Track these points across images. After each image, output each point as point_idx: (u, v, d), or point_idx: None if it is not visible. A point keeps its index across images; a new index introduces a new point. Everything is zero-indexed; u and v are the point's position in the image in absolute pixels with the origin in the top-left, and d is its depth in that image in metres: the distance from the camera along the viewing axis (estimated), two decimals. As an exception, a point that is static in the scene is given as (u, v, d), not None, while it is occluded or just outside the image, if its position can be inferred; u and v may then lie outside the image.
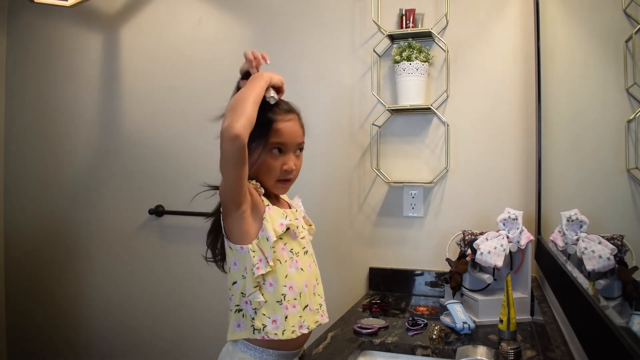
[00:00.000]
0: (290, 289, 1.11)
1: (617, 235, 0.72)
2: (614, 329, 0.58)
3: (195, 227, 2.00)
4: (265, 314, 1.08)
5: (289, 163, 1.14)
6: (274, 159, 1.13)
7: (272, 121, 1.12)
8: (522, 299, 1.46)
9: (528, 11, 1.68)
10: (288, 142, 1.14)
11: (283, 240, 1.12)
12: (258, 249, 1.08)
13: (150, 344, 2.16)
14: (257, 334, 1.08)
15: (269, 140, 1.12)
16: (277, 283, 1.09)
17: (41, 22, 2.33)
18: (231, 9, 2.06)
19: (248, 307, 1.10)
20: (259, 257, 1.08)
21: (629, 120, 0.66)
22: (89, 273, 2.25)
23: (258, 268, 1.07)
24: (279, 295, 1.09)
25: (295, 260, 1.13)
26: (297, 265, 1.13)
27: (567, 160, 1.12)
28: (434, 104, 1.75)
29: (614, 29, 0.74)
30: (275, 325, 1.08)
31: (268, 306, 1.09)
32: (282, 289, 1.09)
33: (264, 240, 1.09)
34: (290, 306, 1.10)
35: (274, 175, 1.13)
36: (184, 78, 2.10)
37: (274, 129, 1.12)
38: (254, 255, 1.08)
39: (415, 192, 1.80)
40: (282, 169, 1.13)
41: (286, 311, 1.09)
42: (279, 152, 1.13)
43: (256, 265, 1.07)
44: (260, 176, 1.15)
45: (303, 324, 1.12)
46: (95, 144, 2.25)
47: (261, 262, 1.08)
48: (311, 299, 1.15)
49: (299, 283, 1.12)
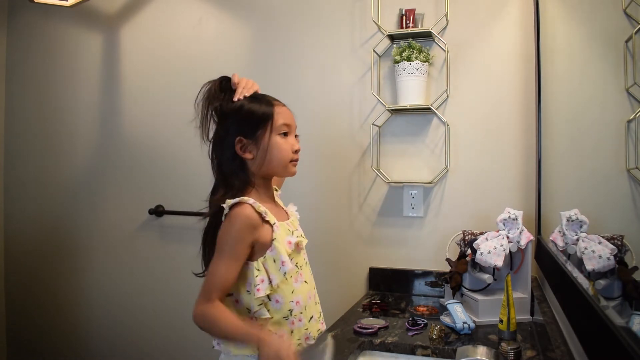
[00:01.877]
0: (297, 304, 1.09)
1: (617, 235, 0.72)
2: (614, 329, 0.58)
3: (195, 227, 1.99)
4: (272, 329, 1.07)
5: (297, 144, 1.17)
6: (284, 141, 1.14)
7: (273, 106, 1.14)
8: (522, 299, 1.46)
9: (528, 11, 1.68)
10: (292, 125, 1.16)
11: (291, 256, 1.11)
12: (263, 268, 1.06)
13: (150, 344, 2.16)
14: None
15: (276, 124, 1.12)
16: (284, 299, 1.08)
17: (41, 22, 2.33)
18: (231, 8, 2.06)
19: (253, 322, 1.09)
20: (262, 277, 1.06)
21: (629, 120, 0.66)
22: (89, 273, 2.25)
23: (258, 290, 1.05)
24: (286, 311, 1.08)
25: (300, 274, 1.13)
26: (301, 279, 1.12)
27: (567, 160, 1.12)
28: (434, 104, 1.75)
29: (614, 29, 0.73)
30: None
31: (274, 322, 1.08)
32: (289, 305, 1.08)
33: (271, 260, 1.07)
34: (297, 320, 1.09)
35: (287, 156, 1.14)
36: (184, 78, 2.10)
37: (277, 113, 1.13)
38: (257, 274, 1.06)
39: (415, 192, 1.80)
40: (292, 150, 1.15)
41: (292, 326, 1.08)
42: (284, 135, 1.14)
43: (257, 286, 1.05)
44: (272, 161, 1.13)
45: (309, 335, 1.12)
46: (95, 144, 2.25)
47: (263, 282, 1.05)
48: (313, 308, 1.15)
49: (304, 296, 1.12)
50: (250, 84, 1.17)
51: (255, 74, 2.06)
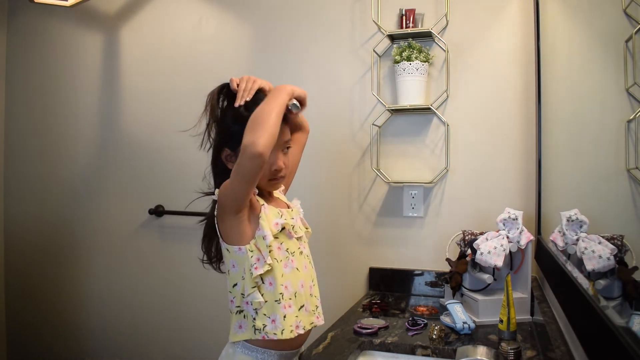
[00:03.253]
0: (286, 289, 1.10)
1: (617, 235, 0.72)
2: (614, 329, 0.58)
3: (195, 227, 1.98)
4: (266, 313, 1.08)
5: (278, 162, 1.14)
6: None
7: None
8: (522, 299, 1.46)
9: (528, 11, 1.68)
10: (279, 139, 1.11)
11: (279, 240, 1.12)
12: (256, 249, 1.09)
13: (150, 344, 2.16)
14: (258, 334, 1.08)
15: None
16: (275, 282, 1.09)
17: (41, 22, 2.33)
18: (231, 8, 2.06)
19: (249, 307, 1.10)
20: (257, 256, 1.08)
21: (629, 120, 0.66)
22: (89, 272, 2.25)
23: (256, 268, 1.07)
24: (278, 294, 1.09)
25: (290, 260, 1.13)
26: (292, 265, 1.13)
27: (567, 160, 1.12)
28: (434, 104, 1.75)
29: (614, 29, 0.74)
30: (274, 325, 1.08)
31: (268, 306, 1.09)
32: (280, 288, 1.09)
33: (261, 239, 1.09)
34: (287, 305, 1.10)
35: (265, 175, 1.13)
36: (184, 78, 2.10)
37: None
38: (252, 255, 1.08)
39: (415, 192, 1.80)
40: (270, 169, 1.13)
41: (284, 310, 1.09)
42: None
43: (254, 265, 1.07)
44: None
45: (299, 324, 1.12)
46: (96, 144, 2.25)
47: (259, 261, 1.08)
48: (307, 299, 1.15)
49: (294, 283, 1.12)
50: (250, 83, 1.16)
51: (255, 74, 2.05)
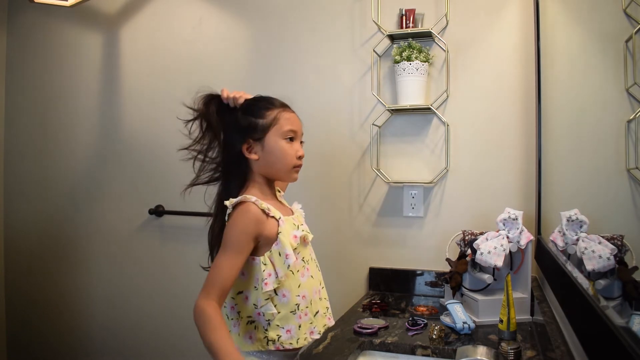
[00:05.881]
0: (304, 298, 1.10)
1: (617, 235, 0.72)
2: (614, 329, 0.58)
3: (195, 227, 2.00)
4: (279, 324, 1.07)
5: (301, 150, 1.17)
6: (290, 146, 1.15)
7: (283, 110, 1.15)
8: (522, 299, 1.46)
9: (528, 11, 1.68)
10: (298, 131, 1.17)
11: (297, 250, 1.12)
12: (269, 262, 1.07)
13: (150, 344, 2.16)
14: (272, 345, 1.07)
15: (283, 129, 1.13)
16: (290, 294, 1.08)
17: (41, 22, 2.33)
18: (231, 8, 2.06)
19: (261, 318, 1.09)
20: (269, 271, 1.07)
21: (629, 120, 0.66)
22: (89, 272, 2.25)
23: (266, 284, 1.06)
24: (293, 305, 1.08)
25: (306, 268, 1.13)
26: (308, 274, 1.13)
27: (567, 160, 1.12)
28: (434, 104, 1.75)
29: (614, 29, 0.73)
30: (289, 335, 1.07)
31: (281, 317, 1.08)
32: (295, 299, 1.09)
33: (276, 253, 1.08)
34: (303, 314, 1.10)
35: (291, 161, 1.15)
36: (184, 77, 2.10)
37: (285, 118, 1.14)
38: (264, 268, 1.07)
39: (415, 192, 1.80)
40: (296, 156, 1.16)
41: (299, 320, 1.09)
42: (290, 140, 1.15)
43: (265, 280, 1.06)
44: (275, 164, 1.15)
45: (314, 330, 1.12)
46: (95, 144, 2.25)
47: (270, 276, 1.06)
48: (319, 304, 1.16)
49: (310, 291, 1.12)
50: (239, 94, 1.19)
51: (255, 74, 2.07)
